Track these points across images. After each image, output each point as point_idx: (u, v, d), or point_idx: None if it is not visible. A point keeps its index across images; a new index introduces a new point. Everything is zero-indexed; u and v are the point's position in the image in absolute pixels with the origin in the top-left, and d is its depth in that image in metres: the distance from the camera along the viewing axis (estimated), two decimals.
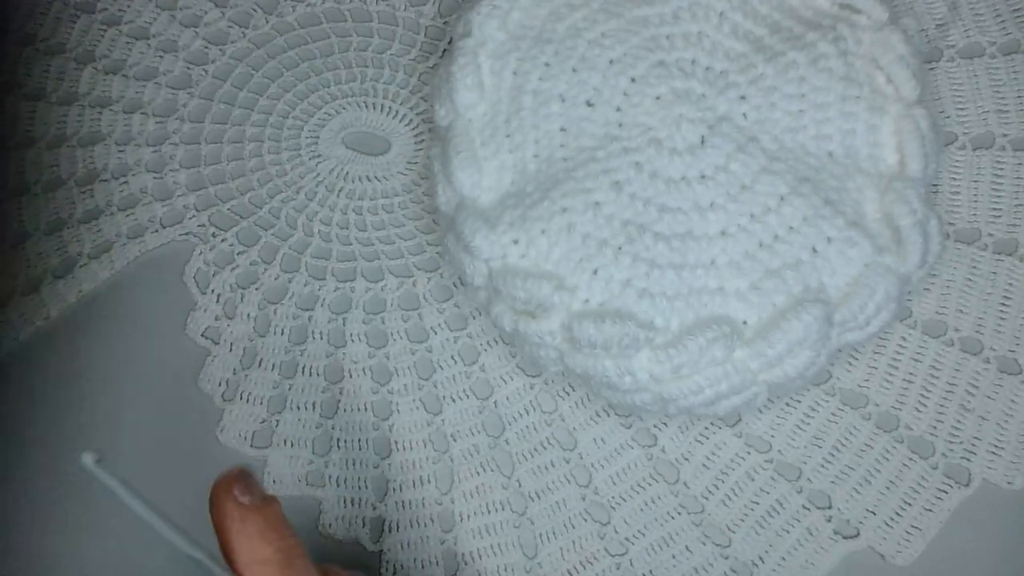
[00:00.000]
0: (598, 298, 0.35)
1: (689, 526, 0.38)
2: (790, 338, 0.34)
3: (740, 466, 0.38)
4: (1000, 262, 0.40)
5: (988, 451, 0.38)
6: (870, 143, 0.37)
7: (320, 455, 0.39)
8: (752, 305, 0.35)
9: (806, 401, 0.39)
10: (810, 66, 0.38)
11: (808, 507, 0.38)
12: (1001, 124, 0.41)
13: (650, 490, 0.38)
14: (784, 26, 0.39)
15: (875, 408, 0.39)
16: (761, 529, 0.38)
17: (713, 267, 0.35)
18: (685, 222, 0.36)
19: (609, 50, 0.38)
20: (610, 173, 0.36)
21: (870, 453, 0.38)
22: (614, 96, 0.38)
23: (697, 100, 0.38)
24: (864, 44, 0.38)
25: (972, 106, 0.42)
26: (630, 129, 0.37)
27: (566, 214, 0.36)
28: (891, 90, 0.38)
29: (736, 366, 0.34)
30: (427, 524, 0.38)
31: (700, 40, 0.39)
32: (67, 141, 0.44)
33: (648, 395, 0.35)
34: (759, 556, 0.37)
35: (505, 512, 0.38)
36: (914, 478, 0.38)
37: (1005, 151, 0.41)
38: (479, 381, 0.40)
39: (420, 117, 0.44)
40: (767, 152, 0.37)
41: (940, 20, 0.42)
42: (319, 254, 0.42)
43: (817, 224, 0.35)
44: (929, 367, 0.39)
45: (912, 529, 0.37)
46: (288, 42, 0.45)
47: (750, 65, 0.38)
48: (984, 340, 0.39)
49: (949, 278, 0.40)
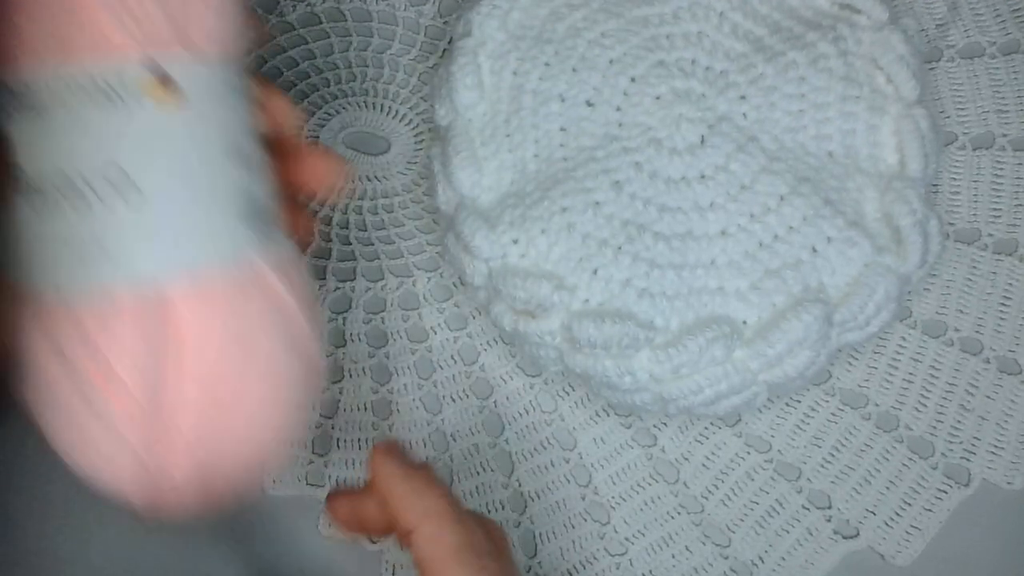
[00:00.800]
0: (598, 298, 0.35)
1: (689, 526, 0.38)
2: (790, 338, 0.34)
3: (740, 466, 0.38)
4: (1000, 262, 0.40)
5: (988, 451, 0.38)
6: (870, 143, 0.37)
7: (320, 455, 0.39)
8: (752, 305, 0.35)
9: (806, 401, 0.39)
10: (810, 66, 0.38)
11: (808, 507, 0.38)
12: (1001, 124, 0.41)
13: (650, 490, 0.38)
14: (784, 26, 0.39)
15: (875, 408, 0.39)
16: (761, 529, 0.38)
17: (713, 267, 0.35)
18: (685, 222, 0.36)
19: (609, 50, 0.38)
20: (610, 173, 0.36)
21: (870, 453, 0.38)
22: (614, 96, 0.38)
23: (697, 100, 0.38)
24: (864, 44, 0.38)
25: (972, 106, 0.42)
26: (630, 129, 0.37)
27: (566, 214, 0.36)
28: (891, 90, 0.38)
29: (736, 366, 0.34)
30: None
31: (700, 40, 0.39)
32: None
33: (648, 395, 0.35)
34: (759, 556, 0.37)
35: (505, 512, 0.38)
36: (914, 478, 0.38)
37: (1005, 151, 0.41)
38: (479, 381, 0.40)
39: (420, 117, 0.44)
40: (767, 152, 0.37)
41: (940, 20, 0.42)
42: (319, 254, 0.42)
43: (817, 224, 0.35)
44: (929, 367, 0.39)
45: (912, 529, 0.37)
46: (288, 42, 0.45)
47: (750, 65, 0.38)
48: (984, 340, 0.39)
49: (949, 278, 0.40)
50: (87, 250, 0.25)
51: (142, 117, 0.24)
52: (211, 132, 0.26)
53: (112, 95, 0.24)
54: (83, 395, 0.25)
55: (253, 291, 0.26)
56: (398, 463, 0.30)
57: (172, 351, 0.25)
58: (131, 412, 0.25)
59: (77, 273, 0.25)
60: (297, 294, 0.27)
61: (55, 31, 0.24)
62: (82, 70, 0.24)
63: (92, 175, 0.24)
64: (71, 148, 0.24)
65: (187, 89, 0.25)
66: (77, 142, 0.24)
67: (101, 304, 0.25)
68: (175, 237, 0.25)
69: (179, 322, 0.25)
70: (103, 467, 0.26)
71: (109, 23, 0.24)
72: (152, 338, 0.25)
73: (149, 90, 0.24)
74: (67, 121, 0.24)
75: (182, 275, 0.25)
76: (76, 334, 0.25)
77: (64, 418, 0.26)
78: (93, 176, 0.24)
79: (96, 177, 0.24)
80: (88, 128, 0.24)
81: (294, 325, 0.27)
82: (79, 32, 0.24)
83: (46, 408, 0.26)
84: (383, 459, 0.30)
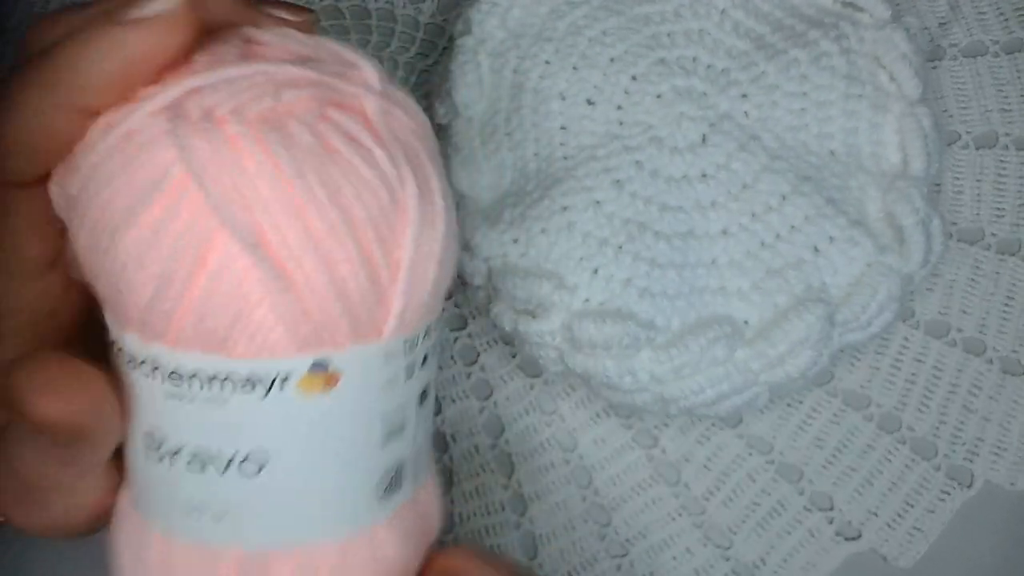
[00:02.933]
0: (598, 297, 0.35)
1: (690, 528, 0.38)
2: (792, 338, 0.34)
3: (741, 467, 0.38)
4: (1003, 262, 0.40)
5: (991, 452, 0.38)
6: (872, 142, 0.37)
7: None
8: (754, 305, 0.35)
9: (808, 402, 0.39)
10: (812, 64, 0.37)
11: (810, 508, 0.37)
12: (1004, 123, 0.41)
13: (651, 491, 0.38)
14: (786, 24, 0.39)
15: (877, 409, 0.38)
16: (762, 531, 0.37)
17: (714, 266, 0.35)
18: (686, 221, 0.36)
19: (610, 48, 0.38)
20: (611, 172, 0.36)
21: (872, 454, 0.38)
22: (615, 94, 0.38)
23: (698, 98, 0.37)
24: (866, 42, 0.38)
25: (975, 105, 0.42)
26: (631, 127, 0.37)
27: (566, 213, 0.35)
28: (894, 88, 0.37)
29: (737, 366, 0.34)
30: None
31: (701, 38, 0.38)
32: None
33: (649, 395, 0.35)
34: (760, 558, 0.37)
35: (505, 513, 0.38)
36: (916, 479, 0.38)
37: (1008, 150, 0.41)
38: (479, 381, 0.40)
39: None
40: (769, 151, 0.36)
41: (943, 18, 0.42)
42: None
43: (819, 223, 0.35)
44: (932, 368, 0.39)
45: (914, 531, 0.37)
46: None
47: (752, 63, 0.38)
48: (987, 340, 0.39)
49: (952, 278, 0.40)
50: (202, 509, 0.23)
51: (289, 402, 0.22)
52: (359, 411, 0.24)
53: (265, 387, 0.22)
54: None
55: (362, 555, 0.25)
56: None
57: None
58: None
59: (186, 524, 0.24)
60: (405, 540, 0.26)
61: (216, 331, 0.22)
62: (239, 367, 0.22)
63: (223, 449, 0.23)
64: (208, 423, 0.23)
65: (344, 372, 0.23)
66: (216, 417, 0.23)
67: (201, 554, 0.24)
68: (296, 514, 0.24)
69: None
70: None
71: (278, 331, 0.22)
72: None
73: (305, 384, 0.22)
74: (210, 400, 0.22)
75: (294, 549, 0.24)
76: (155, 556, 0.24)
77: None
78: (223, 450, 0.23)
79: (226, 451, 0.23)
80: (229, 407, 0.22)
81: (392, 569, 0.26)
82: (239, 332, 0.22)
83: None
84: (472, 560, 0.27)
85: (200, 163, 0.21)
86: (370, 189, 0.22)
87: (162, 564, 0.24)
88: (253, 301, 0.22)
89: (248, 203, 0.21)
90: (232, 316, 0.22)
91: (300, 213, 0.21)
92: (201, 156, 0.21)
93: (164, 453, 0.23)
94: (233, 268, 0.21)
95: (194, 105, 0.22)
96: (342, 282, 0.22)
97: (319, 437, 0.23)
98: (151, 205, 0.21)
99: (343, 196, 0.22)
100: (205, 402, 0.22)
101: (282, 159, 0.21)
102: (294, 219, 0.21)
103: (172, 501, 0.24)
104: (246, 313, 0.22)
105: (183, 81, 0.22)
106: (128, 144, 0.22)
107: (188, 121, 0.22)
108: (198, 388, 0.22)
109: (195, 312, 0.22)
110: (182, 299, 0.22)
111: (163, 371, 0.22)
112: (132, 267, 0.21)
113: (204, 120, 0.21)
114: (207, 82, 0.22)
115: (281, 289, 0.21)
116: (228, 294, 0.21)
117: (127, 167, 0.21)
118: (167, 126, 0.21)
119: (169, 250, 0.21)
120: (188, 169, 0.21)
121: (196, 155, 0.21)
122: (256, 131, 0.21)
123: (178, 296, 0.22)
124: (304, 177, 0.21)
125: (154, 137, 0.21)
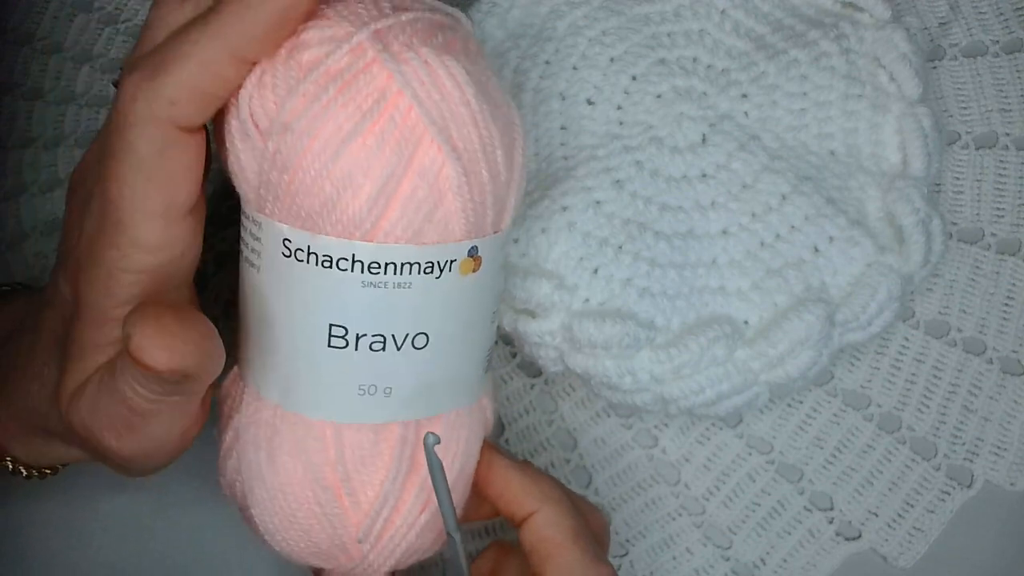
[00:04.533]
0: (598, 297, 0.35)
1: (690, 527, 0.37)
2: (792, 338, 0.34)
3: (741, 467, 0.38)
4: (1003, 262, 0.40)
5: (991, 452, 0.38)
6: (872, 142, 0.37)
7: None
8: (753, 304, 0.35)
9: (808, 402, 0.39)
10: (812, 64, 0.37)
11: (810, 508, 0.37)
12: (1004, 123, 0.41)
13: (651, 491, 0.38)
14: (786, 24, 0.39)
15: (877, 409, 0.38)
16: (763, 530, 0.37)
17: (714, 266, 0.35)
18: (686, 221, 0.36)
19: (610, 48, 0.38)
20: (611, 172, 0.36)
21: (872, 454, 0.38)
22: (615, 94, 0.38)
23: (698, 98, 0.37)
24: (866, 42, 0.38)
25: (975, 105, 0.42)
26: (631, 127, 0.37)
27: (566, 213, 0.35)
28: (893, 88, 0.37)
29: (737, 366, 0.34)
30: None
31: (701, 38, 0.38)
32: (65, 140, 0.44)
33: (649, 395, 0.35)
34: (760, 558, 0.37)
35: None
36: (916, 479, 0.37)
37: (1008, 150, 0.41)
38: None
39: None
40: (768, 151, 0.36)
41: (942, 18, 0.42)
42: None
43: (819, 223, 0.35)
44: (932, 368, 0.39)
45: (914, 531, 0.37)
46: None
47: (752, 63, 0.38)
48: (987, 340, 0.39)
49: (952, 278, 0.40)
50: (372, 391, 0.28)
51: (448, 284, 0.28)
52: (487, 292, 0.29)
53: (436, 270, 0.27)
54: (319, 498, 0.29)
55: (478, 419, 0.31)
56: (507, 454, 0.32)
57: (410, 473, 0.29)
58: (359, 524, 0.29)
59: (356, 407, 0.28)
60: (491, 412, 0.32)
61: (414, 223, 0.26)
62: (427, 252, 0.27)
63: (400, 327, 0.28)
64: (395, 305, 0.27)
65: (484, 257, 0.28)
66: (401, 300, 0.27)
67: (367, 436, 0.28)
68: (444, 385, 0.29)
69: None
70: (305, 552, 0.30)
71: (459, 220, 0.27)
72: (400, 459, 0.29)
73: (463, 267, 0.28)
74: (400, 284, 0.27)
75: (441, 417, 0.29)
76: (322, 448, 0.28)
77: (286, 513, 0.29)
78: (400, 328, 0.28)
79: (402, 329, 0.28)
80: (413, 289, 0.27)
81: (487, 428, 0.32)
82: (430, 223, 0.27)
83: (266, 498, 0.29)
84: (492, 453, 0.32)
85: (411, 82, 0.26)
86: (503, 107, 0.28)
87: (332, 454, 0.28)
88: (448, 195, 0.27)
89: (444, 113, 0.26)
90: (429, 208, 0.26)
91: (477, 123, 0.27)
92: (411, 76, 0.26)
93: (350, 339, 0.27)
94: (434, 167, 0.26)
95: (391, 40, 0.26)
96: (496, 178, 0.28)
97: (465, 313, 0.29)
98: (376, 118, 0.26)
99: (497, 112, 0.28)
100: (395, 287, 0.27)
101: (463, 80, 0.27)
102: (474, 127, 0.27)
103: (347, 386, 0.28)
104: (441, 206, 0.27)
105: (368, 25, 0.26)
106: (342, 74, 0.26)
107: (392, 52, 0.26)
108: (392, 274, 0.27)
109: (400, 207, 0.26)
110: (394, 197, 0.26)
111: (364, 264, 0.27)
112: (358, 173, 0.26)
113: (406, 50, 0.26)
114: (385, 24, 0.26)
115: (467, 184, 0.27)
116: (429, 189, 0.26)
117: (348, 90, 0.26)
118: (379, 56, 0.26)
119: (391, 155, 0.26)
120: (404, 86, 0.26)
121: (408, 76, 0.26)
122: (438, 58, 0.26)
123: (391, 194, 0.26)
124: (478, 96, 0.27)
125: (367, 66, 0.26)
